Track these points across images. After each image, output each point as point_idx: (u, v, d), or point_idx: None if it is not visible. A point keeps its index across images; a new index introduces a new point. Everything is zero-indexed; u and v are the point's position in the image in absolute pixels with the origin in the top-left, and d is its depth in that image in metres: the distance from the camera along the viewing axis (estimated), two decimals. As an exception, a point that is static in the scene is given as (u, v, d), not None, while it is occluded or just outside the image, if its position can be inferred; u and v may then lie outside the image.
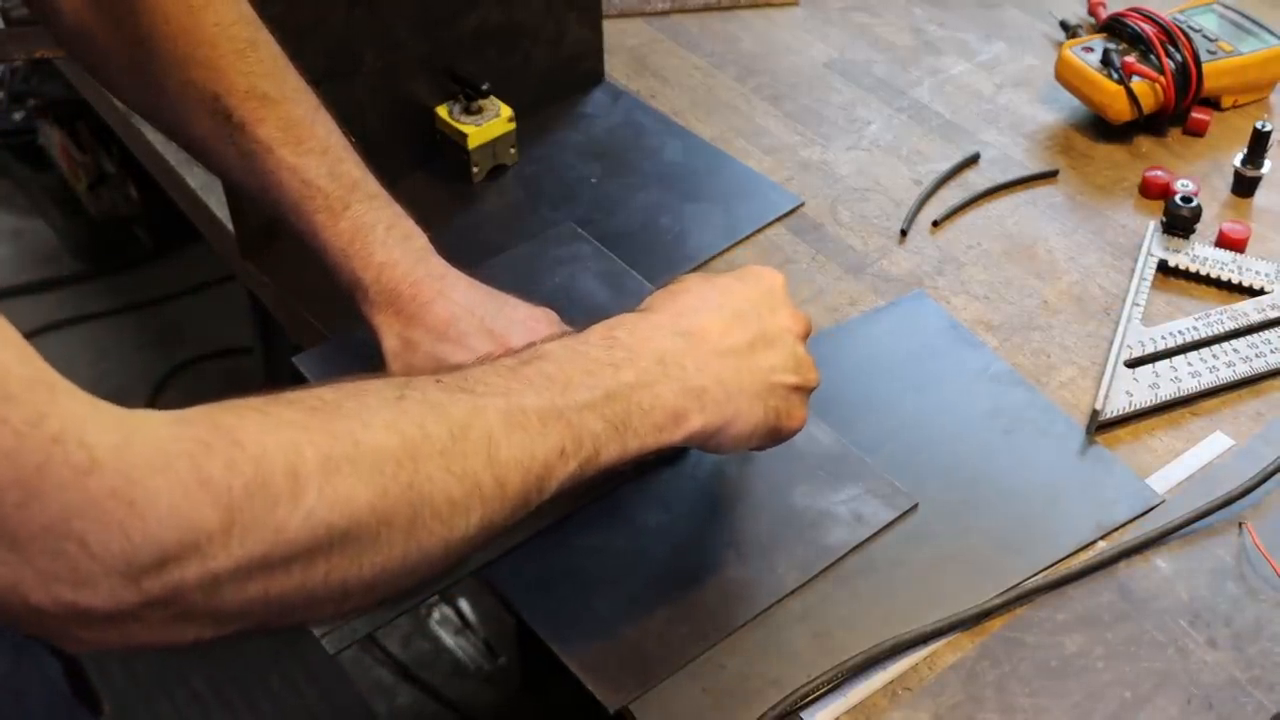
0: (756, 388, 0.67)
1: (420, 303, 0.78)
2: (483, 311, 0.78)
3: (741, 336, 0.67)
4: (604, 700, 0.69)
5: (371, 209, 0.79)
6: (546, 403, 0.59)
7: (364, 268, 0.78)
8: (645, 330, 0.66)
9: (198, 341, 2.05)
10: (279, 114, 0.77)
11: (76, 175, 2.07)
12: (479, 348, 0.77)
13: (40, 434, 0.45)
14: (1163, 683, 0.70)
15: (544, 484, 0.58)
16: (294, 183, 0.77)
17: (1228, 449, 0.82)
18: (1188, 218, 0.96)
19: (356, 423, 0.52)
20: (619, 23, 1.23)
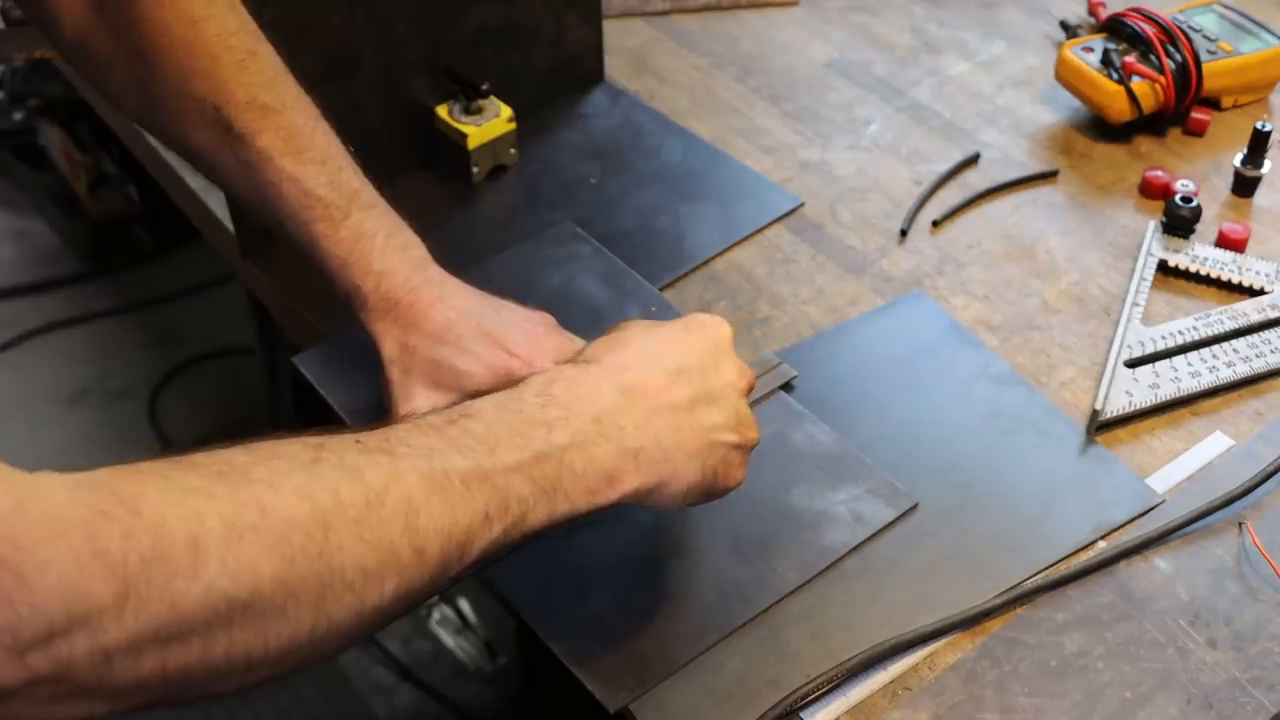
0: (695, 446, 0.65)
1: (418, 309, 0.78)
2: (480, 316, 0.78)
3: (683, 393, 0.66)
4: (604, 700, 0.69)
5: (370, 218, 0.79)
6: (472, 465, 0.57)
7: (363, 276, 0.78)
8: (584, 387, 0.64)
9: (198, 341, 2.05)
10: (278, 124, 0.77)
11: (77, 175, 2.07)
12: (478, 351, 0.77)
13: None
14: (1163, 683, 0.70)
15: (466, 550, 0.56)
16: (294, 193, 0.77)
17: (1228, 449, 0.82)
18: (1188, 218, 0.96)
19: (265, 489, 0.50)
20: (619, 23, 1.23)
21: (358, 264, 0.78)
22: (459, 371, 0.76)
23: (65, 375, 2.01)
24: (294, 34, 0.91)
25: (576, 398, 0.63)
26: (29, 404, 1.97)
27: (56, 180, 2.15)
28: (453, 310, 0.78)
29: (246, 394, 1.96)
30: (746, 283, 0.95)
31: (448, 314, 0.78)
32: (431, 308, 0.78)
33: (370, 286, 0.78)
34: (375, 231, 0.79)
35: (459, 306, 0.78)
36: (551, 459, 0.60)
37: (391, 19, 0.97)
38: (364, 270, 0.78)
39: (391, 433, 0.57)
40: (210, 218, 1.05)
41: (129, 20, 0.76)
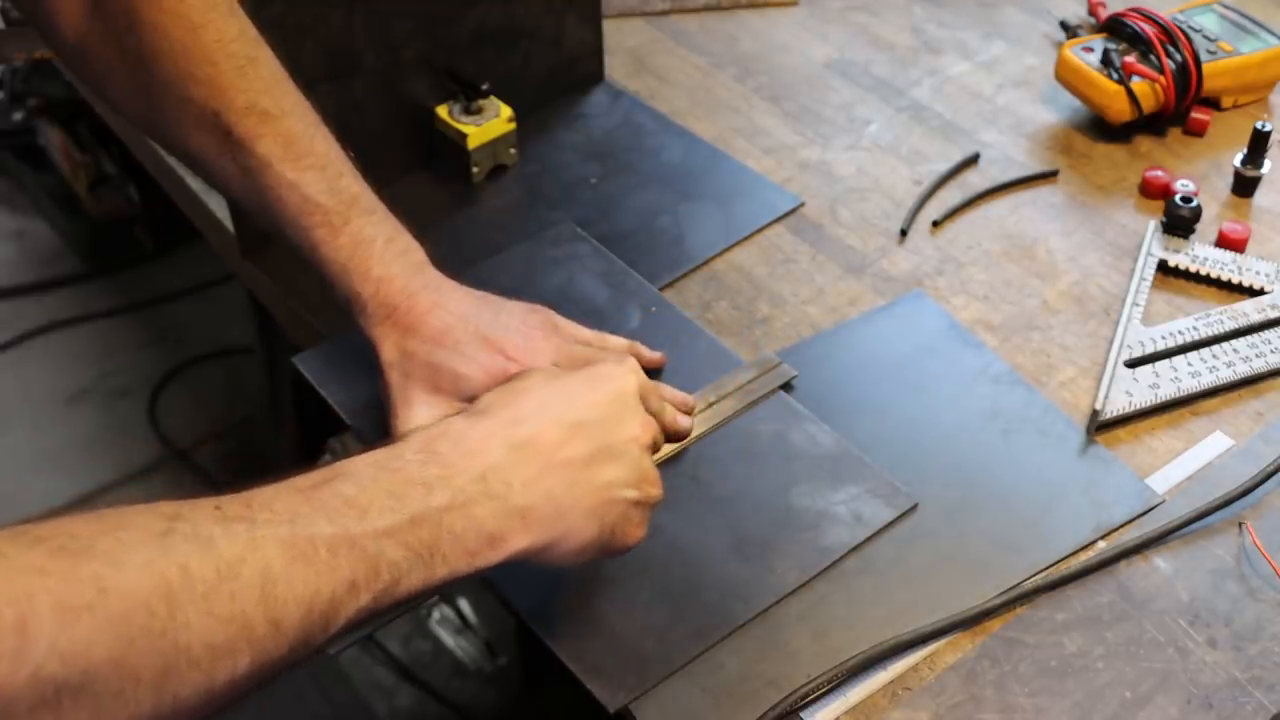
0: (592, 503, 0.64)
1: (416, 314, 0.78)
2: (478, 319, 0.78)
3: (581, 448, 0.64)
4: (604, 700, 0.69)
5: (370, 224, 0.79)
6: (339, 530, 0.55)
7: (362, 282, 0.78)
8: (472, 442, 0.62)
9: (198, 341, 2.05)
10: (278, 130, 0.77)
11: (77, 175, 2.07)
12: (475, 355, 0.77)
13: None
14: (1162, 683, 0.70)
15: (330, 620, 0.54)
16: (293, 198, 0.77)
17: (1228, 449, 0.82)
18: (1188, 218, 0.96)
19: (107, 564, 0.47)
20: (618, 23, 1.23)
21: (357, 270, 0.78)
22: (457, 375, 0.76)
23: (65, 375, 2.01)
24: (294, 34, 0.91)
25: (462, 455, 0.61)
26: (29, 404, 1.98)
27: (56, 180, 2.15)
28: (450, 315, 0.78)
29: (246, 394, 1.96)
30: (746, 283, 0.95)
31: (445, 318, 0.78)
32: (429, 312, 0.78)
33: (369, 292, 0.78)
34: (375, 237, 0.79)
35: (457, 311, 0.78)
36: (428, 522, 0.58)
37: (391, 19, 0.97)
38: (363, 276, 0.78)
39: (255, 498, 0.55)
40: (210, 218, 1.05)
41: (129, 25, 0.76)
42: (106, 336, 2.08)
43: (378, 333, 0.78)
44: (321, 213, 0.77)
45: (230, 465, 1.88)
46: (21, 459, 1.89)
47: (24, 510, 1.80)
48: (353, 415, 0.84)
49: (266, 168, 0.77)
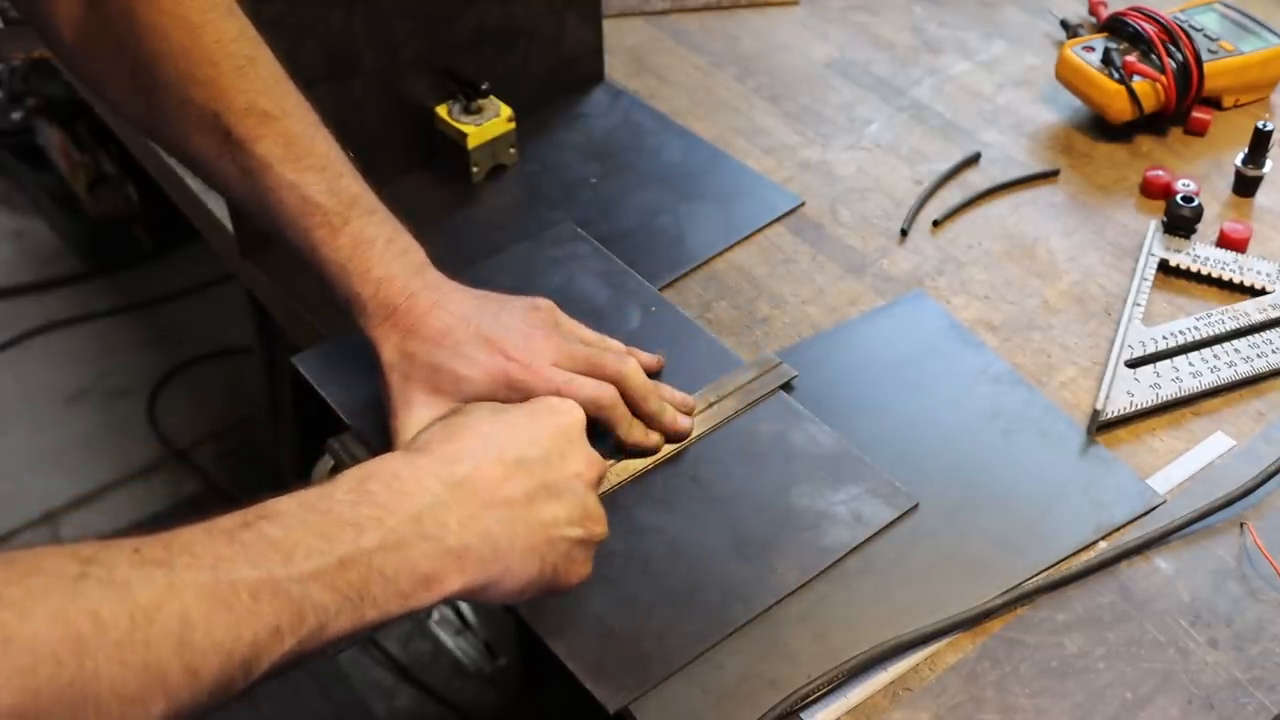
0: (533, 542, 0.64)
1: (416, 315, 0.77)
2: (479, 320, 0.78)
3: (521, 486, 0.64)
4: (604, 701, 0.69)
5: (370, 224, 0.79)
6: (263, 574, 0.53)
7: (362, 282, 0.77)
8: (406, 482, 0.61)
9: (198, 341, 2.05)
10: (278, 131, 0.77)
11: (76, 175, 2.07)
12: (475, 356, 0.76)
13: None
14: (1164, 683, 0.70)
15: (252, 666, 0.52)
16: (293, 199, 0.77)
17: (1229, 449, 0.82)
18: (1189, 217, 0.96)
19: (13, 613, 0.46)
20: (618, 22, 1.23)
21: (357, 270, 0.77)
22: (458, 377, 0.76)
23: (64, 375, 2.01)
24: (294, 33, 0.91)
25: (395, 495, 0.60)
26: (28, 404, 1.97)
27: (56, 180, 2.15)
28: (451, 315, 0.78)
29: (246, 394, 1.96)
30: (746, 283, 0.95)
31: (445, 319, 0.77)
32: (429, 313, 0.77)
33: (369, 293, 0.77)
34: (375, 238, 0.78)
35: (457, 311, 0.78)
36: (358, 564, 0.57)
37: (391, 19, 0.97)
38: (363, 277, 0.77)
39: (175, 540, 0.53)
40: (210, 218, 1.05)
41: (127, 27, 0.76)
42: (106, 336, 2.08)
43: (378, 334, 0.78)
44: (321, 213, 0.77)
45: (229, 465, 1.88)
46: (21, 459, 1.89)
47: (23, 510, 1.80)
48: (352, 415, 0.84)
49: (266, 169, 0.76)
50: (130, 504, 1.83)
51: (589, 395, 0.76)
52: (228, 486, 1.83)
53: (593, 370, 0.78)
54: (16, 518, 1.80)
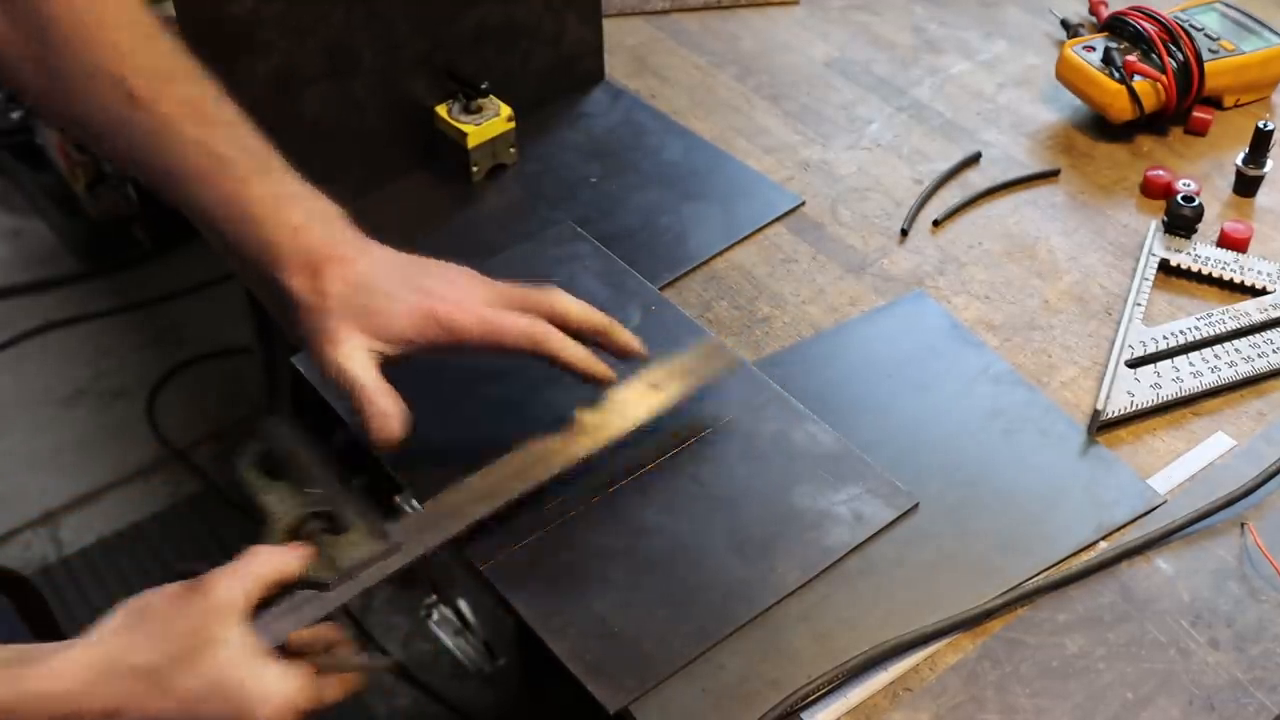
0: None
1: (338, 260, 0.75)
2: (405, 268, 0.76)
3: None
4: (603, 701, 0.69)
5: (285, 180, 0.77)
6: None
7: (277, 229, 0.75)
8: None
9: (197, 341, 2.05)
10: (182, 93, 0.76)
11: (75, 175, 2.06)
12: (401, 294, 0.74)
13: None
14: (1164, 684, 0.70)
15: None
16: (199, 156, 0.75)
17: (1229, 449, 0.82)
18: (1189, 217, 0.96)
19: None
20: (618, 21, 1.23)
21: (271, 219, 0.75)
22: (381, 313, 0.74)
23: (63, 375, 2.01)
24: (294, 33, 0.91)
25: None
26: (26, 404, 1.97)
27: (54, 179, 2.15)
28: (375, 261, 0.76)
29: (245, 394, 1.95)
30: (747, 282, 0.95)
31: (369, 265, 0.75)
32: (354, 261, 0.75)
33: (286, 239, 0.75)
34: (293, 193, 0.77)
35: (381, 258, 0.76)
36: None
37: (391, 18, 0.97)
38: (278, 224, 0.75)
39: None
40: (209, 217, 1.04)
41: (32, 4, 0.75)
42: (104, 336, 2.08)
43: (295, 281, 0.75)
44: (231, 166, 0.75)
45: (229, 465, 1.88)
46: (19, 459, 1.88)
47: (23, 510, 1.80)
48: (351, 415, 0.84)
49: (169, 128, 0.75)
50: (129, 504, 1.82)
51: (522, 329, 0.75)
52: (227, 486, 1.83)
53: (524, 304, 0.77)
54: (16, 518, 1.80)
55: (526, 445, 0.77)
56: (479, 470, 0.76)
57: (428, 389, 0.86)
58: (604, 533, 0.77)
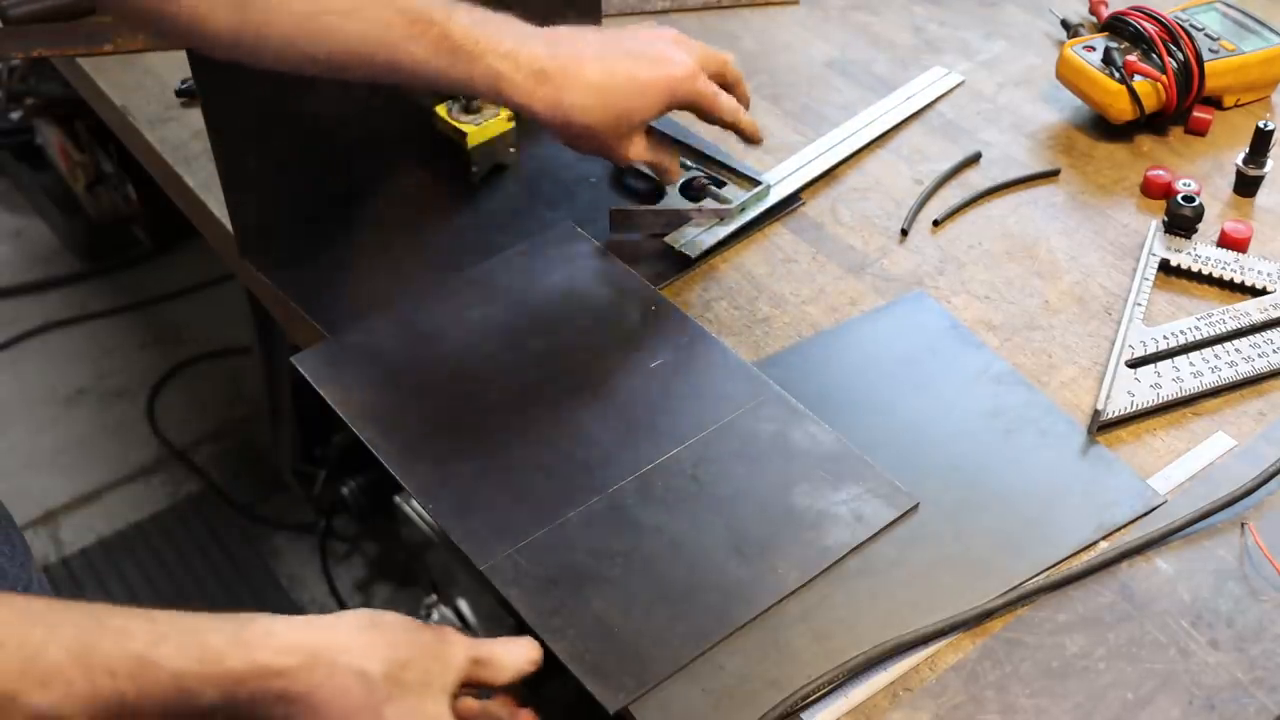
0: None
1: (567, 74, 0.83)
2: (627, 50, 0.86)
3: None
4: (603, 701, 0.69)
5: (468, 10, 0.81)
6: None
7: (499, 58, 0.81)
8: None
9: (197, 341, 2.05)
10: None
11: (75, 175, 2.06)
12: (643, 78, 0.86)
13: None
14: (1164, 684, 0.70)
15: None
16: (395, 19, 0.79)
17: (1230, 449, 0.82)
18: (1190, 217, 0.96)
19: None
20: (618, 21, 1.23)
21: (488, 50, 0.81)
22: (630, 109, 0.85)
23: (63, 375, 2.01)
24: (293, 32, 0.91)
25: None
26: (27, 404, 1.97)
27: (54, 179, 2.15)
28: (597, 55, 0.84)
29: (245, 394, 1.95)
30: (747, 282, 0.95)
31: (599, 69, 0.84)
32: (584, 66, 0.83)
33: (510, 67, 0.81)
34: (484, 19, 0.82)
35: (598, 43, 0.86)
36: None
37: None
38: (497, 53, 0.81)
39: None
40: (209, 217, 1.04)
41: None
42: (105, 336, 2.08)
43: (539, 98, 0.83)
44: (428, 15, 0.80)
45: (229, 465, 1.88)
46: (20, 459, 1.88)
47: (23, 510, 1.80)
48: (351, 415, 0.84)
49: (358, 3, 0.79)
50: (129, 504, 1.82)
51: (726, 100, 0.91)
52: (227, 486, 1.83)
53: (718, 67, 0.91)
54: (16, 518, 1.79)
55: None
56: None
57: (427, 389, 0.86)
58: (604, 533, 0.77)
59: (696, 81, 0.88)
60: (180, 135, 1.11)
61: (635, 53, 0.86)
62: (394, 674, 0.63)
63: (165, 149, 1.10)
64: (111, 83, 1.17)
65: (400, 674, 0.64)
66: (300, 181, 0.97)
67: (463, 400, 0.85)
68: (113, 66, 1.18)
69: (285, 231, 0.97)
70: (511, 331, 0.89)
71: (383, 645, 0.64)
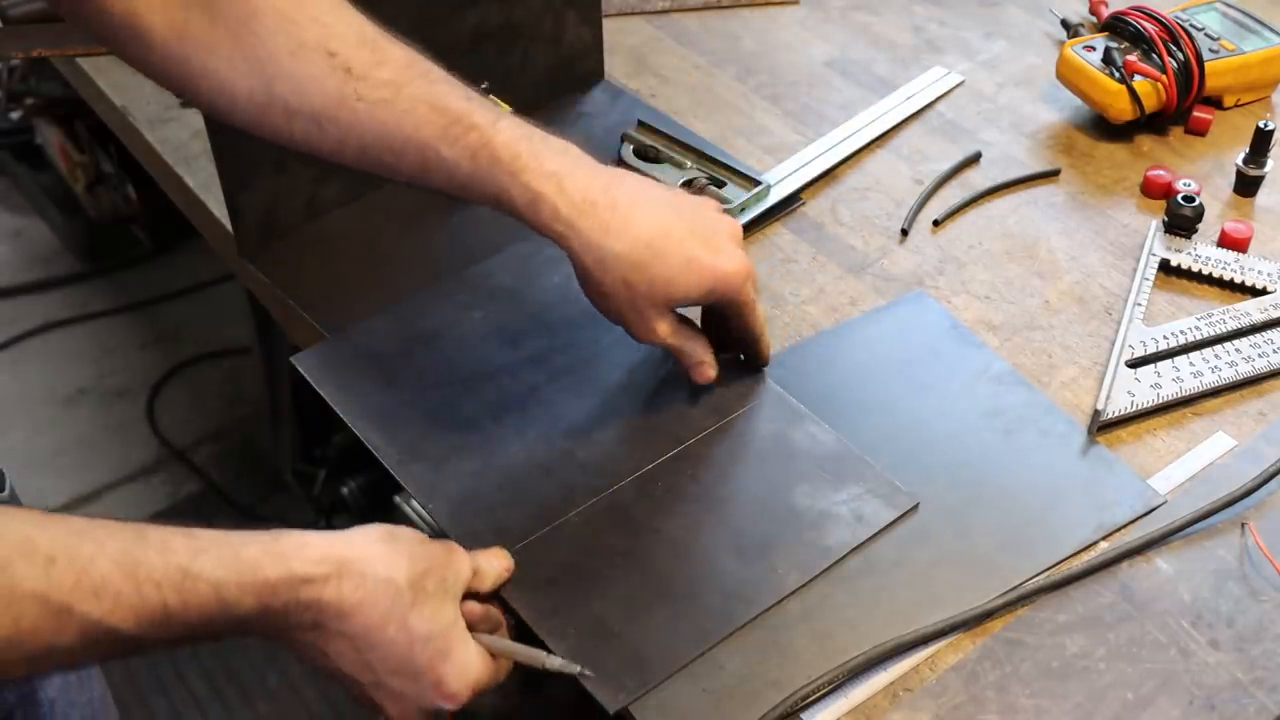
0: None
1: (621, 210, 0.75)
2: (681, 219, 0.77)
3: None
4: (603, 701, 0.69)
5: (514, 123, 0.76)
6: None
7: (542, 179, 0.74)
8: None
9: (197, 341, 2.05)
10: (393, 56, 0.75)
11: (75, 175, 2.06)
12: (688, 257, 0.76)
13: None
14: (1164, 684, 0.70)
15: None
16: (432, 115, 0.74)
17: (1230, 449, 0.82)
18: (1190, 217, 0.96)
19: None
20: (618, 21, 1.23)
21: (529, 166, 0.74)
22: (667, 280, 0.76)
23: (63, 375, 2.01)
24: (293, 32, 0.91)
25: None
26: (27, 404, 1.97)
27: (54, 179, 2.15)
28: (657, 211, 0.77)
29: (245, 394, 1.95)
30: (747, 282, 0.95)
31: (654, 215, 0.76)
32: (634, 207, 0.76)
33: (553, 189, 0.74)
34: (528, 134, 0.76)
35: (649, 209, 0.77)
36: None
37: (391, 19, 0.96)
38: (540, 173, 0.74)
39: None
40: (209, 217, 1.04)
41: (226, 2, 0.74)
42: (105, 336, 2.08)
43: (576, 232, 0.75)
44: (469, 119, 0.75)
45: (229, 465, 1.88)
46: (20, 459, 1.88)
47: (22, 510, 1.80)
48: (351, 415, 0.84)
49: (398, 91, 0.74)
50: (129, 504, 1.82)
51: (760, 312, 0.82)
52: (227, 486, 1.83)
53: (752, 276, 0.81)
54: (15, 518, 1.80)
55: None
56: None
57: (427, 389, 0.86)
58: (604, 533, 0.77)
59: (745, 285, 0.79)
60: (180, 135, 1.11)
61: (696, 229, 0.78)
62: (416, 581, 0.66)
63: (165, 149, 1.10)
64: (111, 83, 1.17)
65: (421, 582, 0.67)
66: (300, 181, 0.97)
67: (462, 400, 0.85)
68: (113, 66, 1.18)
69: (285, 231, 0.97)
70: (511, 331, 0.89)
71: (403, 556, 0.67)
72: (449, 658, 0.67)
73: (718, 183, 1.00)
